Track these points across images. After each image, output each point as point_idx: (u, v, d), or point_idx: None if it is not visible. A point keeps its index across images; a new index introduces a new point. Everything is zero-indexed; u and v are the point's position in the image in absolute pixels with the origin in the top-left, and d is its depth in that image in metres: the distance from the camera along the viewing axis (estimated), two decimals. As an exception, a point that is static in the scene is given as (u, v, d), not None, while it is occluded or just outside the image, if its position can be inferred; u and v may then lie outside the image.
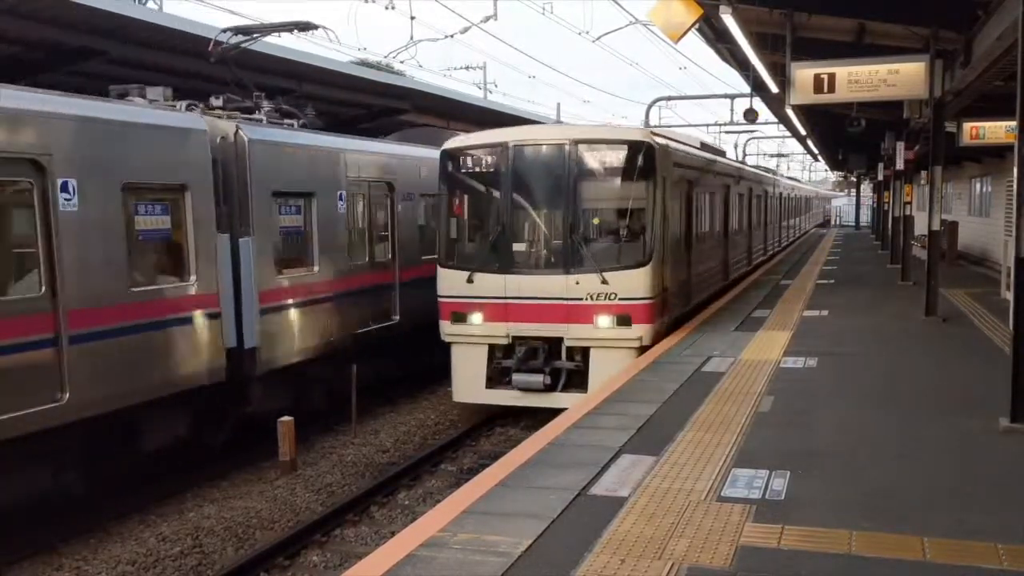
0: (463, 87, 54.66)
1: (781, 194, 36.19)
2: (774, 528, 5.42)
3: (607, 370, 11.35)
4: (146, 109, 9.92)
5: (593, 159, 12.25)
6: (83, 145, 8.60)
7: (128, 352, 9.08)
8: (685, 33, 10.86)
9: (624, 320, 11.89)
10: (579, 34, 69.84)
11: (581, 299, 11.96)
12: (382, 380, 14.35)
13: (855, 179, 57.04)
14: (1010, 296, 7.88)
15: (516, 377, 12.15)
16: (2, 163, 7.85)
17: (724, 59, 17.37)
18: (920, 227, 27.69)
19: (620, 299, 11.88)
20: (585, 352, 12.09)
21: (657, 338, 12.37)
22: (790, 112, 20.37)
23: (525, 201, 12.43)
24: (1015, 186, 7.57)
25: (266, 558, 8.25)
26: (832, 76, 12.98)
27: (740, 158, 44.53)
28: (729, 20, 10.78)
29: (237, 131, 10.78)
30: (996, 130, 18.32)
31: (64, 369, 8.27)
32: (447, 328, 12.60)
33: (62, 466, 8.79)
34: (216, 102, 11.60)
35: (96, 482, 9.25)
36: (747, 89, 21.23)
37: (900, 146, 21.34)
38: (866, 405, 8.67)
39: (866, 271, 24.71)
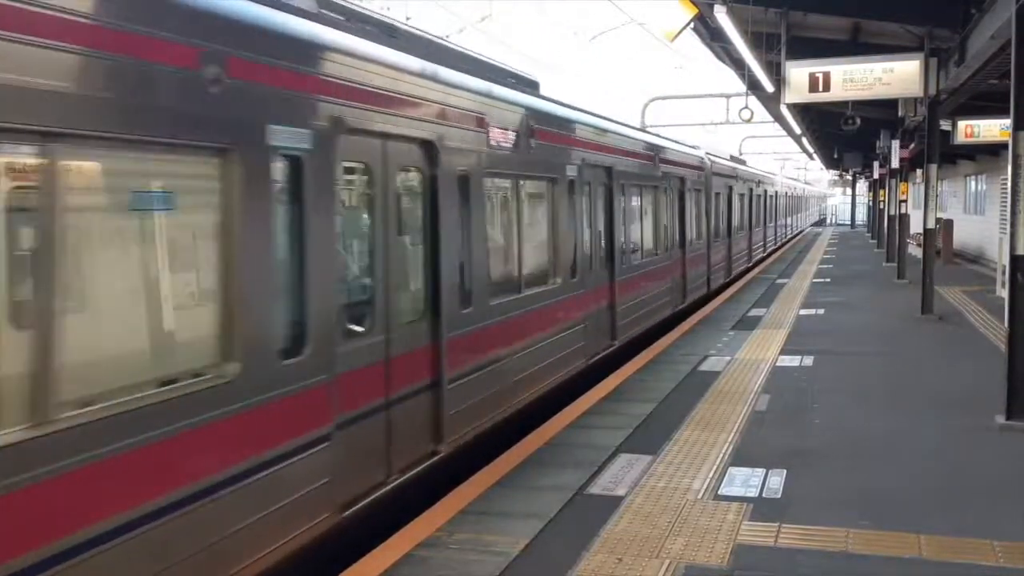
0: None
1: (778, 192, 36.22)
2: (771, 526, 5.43)
3: None
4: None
5: None
6: None
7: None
8: (680, 32, 10.89)
9: None
10: (574, 34, 69.63)
11: None
12: None
13: (851, 178, 57.09)
14: (1005, 294, 7.90)
15: None
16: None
17: (719, 58, 17.40)
18: (916, 225, 27.71)
19: None
20: None
21: None
22: (785, 111, 20.41)
23: None
24: (1010, 184, 7.59)
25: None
26: (827, 75, 13.00)
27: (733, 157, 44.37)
28: (724, 19, 10.78)
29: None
30: (991, 128, 18.38)
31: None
32: None
33: None
34: None
35: None
36: (742, 88, 21.23)
37: (895, 144, 21.37)
38: (862, 403, 8.68)
39: (862, 269, 24.75)
